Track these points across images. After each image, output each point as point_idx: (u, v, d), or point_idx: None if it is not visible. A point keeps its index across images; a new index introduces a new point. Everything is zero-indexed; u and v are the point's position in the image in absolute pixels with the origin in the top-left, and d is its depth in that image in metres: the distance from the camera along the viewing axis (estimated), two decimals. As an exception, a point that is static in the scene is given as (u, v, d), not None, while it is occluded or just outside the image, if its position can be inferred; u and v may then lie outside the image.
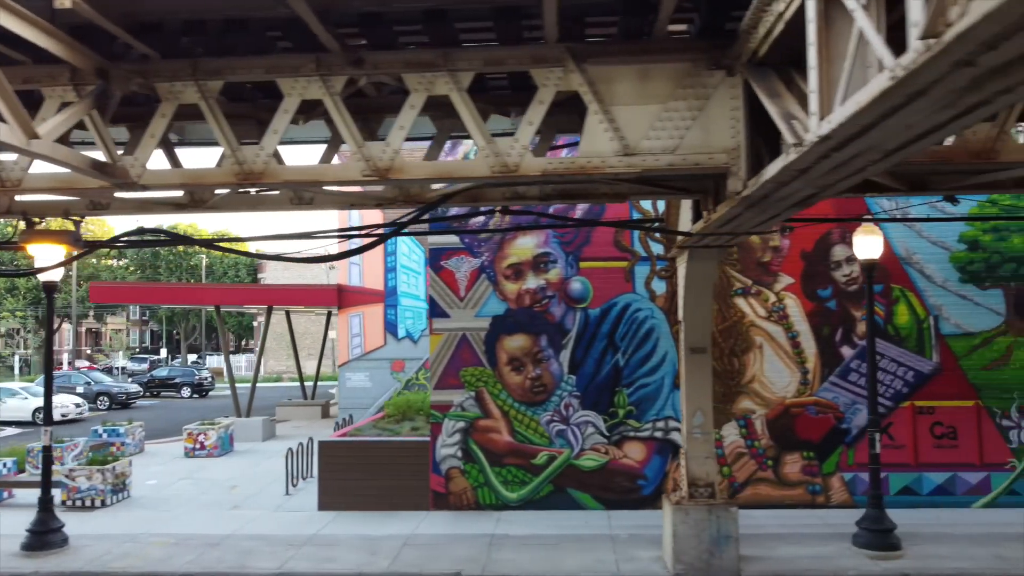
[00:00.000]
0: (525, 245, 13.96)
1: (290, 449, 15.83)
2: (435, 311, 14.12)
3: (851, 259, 13.65)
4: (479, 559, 11.20)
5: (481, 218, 13.56)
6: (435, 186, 8.88)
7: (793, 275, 13.69)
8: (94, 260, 55.88)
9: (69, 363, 56.49)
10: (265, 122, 7.43)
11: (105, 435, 19.22)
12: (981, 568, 10.40)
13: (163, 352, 62.15)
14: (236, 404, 22.28)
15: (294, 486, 15.67)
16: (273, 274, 52.34)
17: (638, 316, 13.81)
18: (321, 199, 8.84)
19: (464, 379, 13.95)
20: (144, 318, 77.30)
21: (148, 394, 39.23)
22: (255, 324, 56.13)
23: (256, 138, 7.73)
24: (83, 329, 70.78)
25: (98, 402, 32.93)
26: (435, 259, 14.20)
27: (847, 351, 13.59)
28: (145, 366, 53.95)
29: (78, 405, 29.14)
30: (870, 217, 13.63)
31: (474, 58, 7.13)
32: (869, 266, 11.35)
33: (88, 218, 9.96)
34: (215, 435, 19.40)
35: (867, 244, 11.27)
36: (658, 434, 13.69)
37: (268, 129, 7.29)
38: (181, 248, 53.76)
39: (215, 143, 7.56)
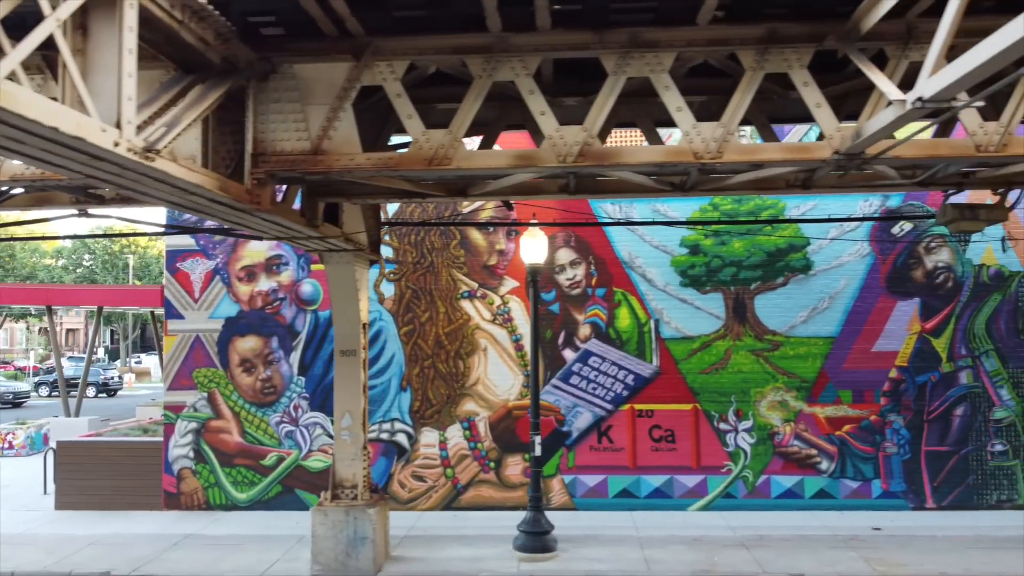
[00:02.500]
0: (258, 247, 14.04)
1: (51, 448, 15.93)
2: (170, 312, 14.21)
3: (575, 263, 13.74)
4: (145, 558, 11.29)
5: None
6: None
7: (518, 278, 13.75)
8: (33, 260, 56.10)
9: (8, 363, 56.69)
10: None
11: (-82, 434, 19.35)
12: (620, 570, 10.45)
13: (100, 352, 62.40)
14: (65, 404, 22.36)
15: (57, 485, 15.76)
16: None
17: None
18: None
19: (197, 380, 14.05)
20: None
21: (55, 393, 39.34)
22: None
23: None
24: (35, 328, 70.97)
25: (-17, 400, 33.22)
26: (171, 261, 14.30)
27: (569, 354, 13.66)
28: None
29: (-55, 405, 29.40)
30: (602, 221, 13.73)
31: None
32: (533, 270, 11.41)
33: None
34: (23, 435, 19.54)
35: (531, 247, 11.33)
36: (384, 436, 13.77)
37: None
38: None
39: None
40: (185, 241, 14.15)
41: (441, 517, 13.29)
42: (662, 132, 9.31)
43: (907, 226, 13.39)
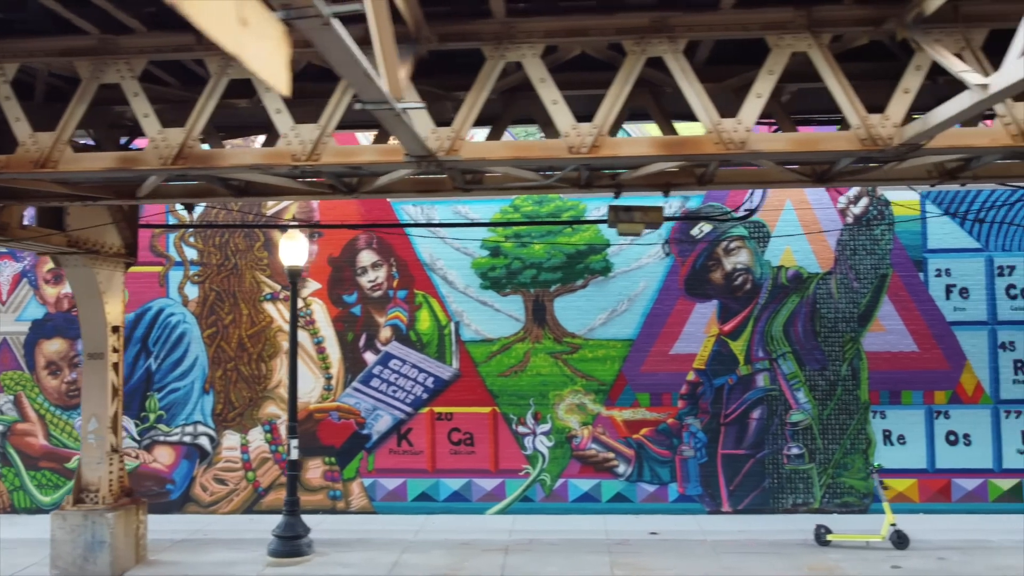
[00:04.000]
0: (65, 250, 13.97)
1: None
2: (-22, 315, 14.18)
3: (376, 265, 13.67)
4: (-97, 563, 11.26)
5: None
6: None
7: (321, 280, 13.68)
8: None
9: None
10: None
11: None
12: (359, 573, 10.38)
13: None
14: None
15: None
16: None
17: (171, 321, 13.84)
18: None
19: (4, 383, 14.00)
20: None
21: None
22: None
23: None
24: None
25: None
26: (-21, 263, 14.27)
27: (370, 357, 13.58)
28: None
29: None
30: (402, 223, 13.65)
31: None
32: (293, 272, 11.32)
33: None
34: None
35: (290, 250, 11.24)
36: (187, 438, 13.72)
37: None
38: None
39: None
40: (-7, 243, 14.09)
41: (238, 521, 13.22)
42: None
43: (706, 227, 13.29)
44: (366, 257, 13.67)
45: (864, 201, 13.14)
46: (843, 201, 13.16)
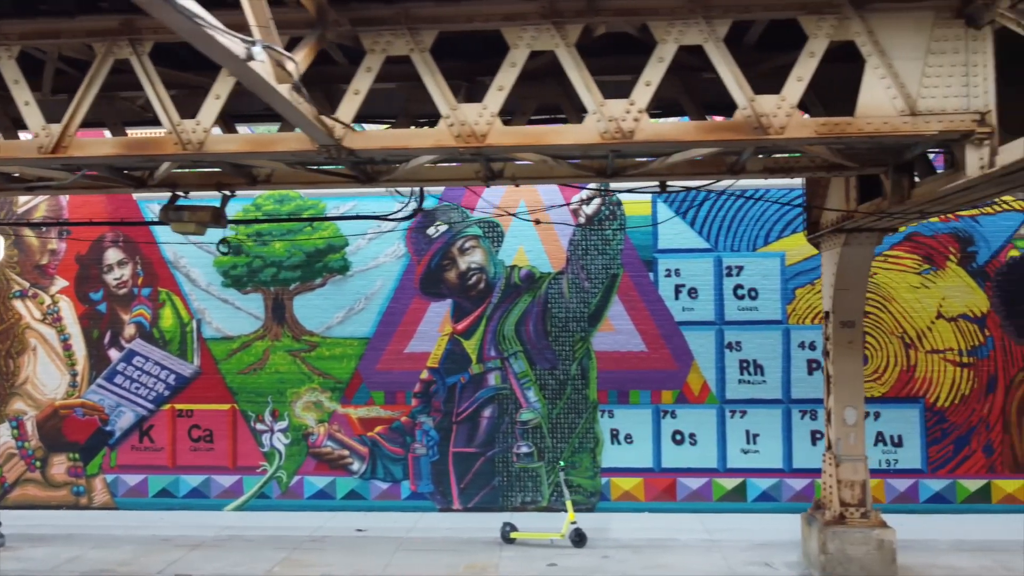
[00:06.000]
0: None
1: None
2: None
3: (123, 263, 13.77)
4: None
5: None
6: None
7: (68, 278, 13.80)
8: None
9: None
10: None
11: None
12: (34, 566, 10.50)
13: None
14: None
15: None
16: None
17: (-77, 317, 13.98)
18: None
19: None
20: None
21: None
22: None
23: None
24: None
25: None
26: None
27: (115, 354, 13.70)
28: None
29: None
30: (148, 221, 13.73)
31: None
32: (-15, 270, 11.46)
33: None
34: None
35: (-17, 248, 11.38)
36: (-63, 434, 13.87)
37: None
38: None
39: None
40: None
41: (-21, 515, 13.36)
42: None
43: (443, 227, 13.35)
44: (112, 255, 13.78)
45: (596, 202, 13.18)
46: (575, 201, 13.20)
